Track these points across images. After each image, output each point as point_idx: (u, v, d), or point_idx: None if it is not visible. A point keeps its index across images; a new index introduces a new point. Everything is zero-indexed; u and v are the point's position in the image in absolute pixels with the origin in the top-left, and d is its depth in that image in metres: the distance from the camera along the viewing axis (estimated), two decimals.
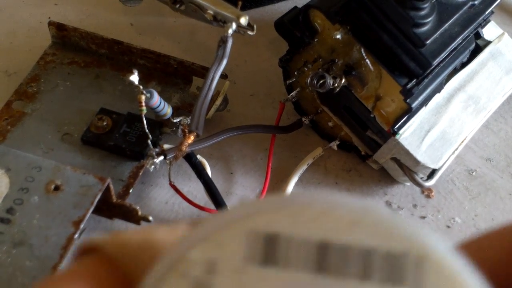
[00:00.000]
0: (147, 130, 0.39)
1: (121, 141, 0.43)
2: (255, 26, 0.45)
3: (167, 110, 0.43)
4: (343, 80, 0.42)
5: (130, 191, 0.42)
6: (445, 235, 0.45)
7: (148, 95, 0.40)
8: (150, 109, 0.41)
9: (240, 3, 0.49)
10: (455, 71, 0.46)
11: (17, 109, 0.46)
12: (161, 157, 0.39)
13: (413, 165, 0.43)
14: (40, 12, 0.56)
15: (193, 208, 0.43)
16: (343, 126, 0.46)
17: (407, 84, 0.40)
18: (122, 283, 0.14)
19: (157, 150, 0.39)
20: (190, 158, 0.43)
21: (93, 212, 0.37)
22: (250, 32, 0.45)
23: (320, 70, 0.42)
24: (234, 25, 0.43)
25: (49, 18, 0.52)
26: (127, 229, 0.43)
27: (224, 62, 0.41)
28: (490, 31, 0.48)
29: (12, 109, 0.46)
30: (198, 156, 0.43)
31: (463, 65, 0.46)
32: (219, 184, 0.45)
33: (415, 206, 0.47)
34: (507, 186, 0.48)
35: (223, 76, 0.45)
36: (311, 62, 0.45)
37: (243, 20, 0.44)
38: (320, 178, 0.47)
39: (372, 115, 0.42)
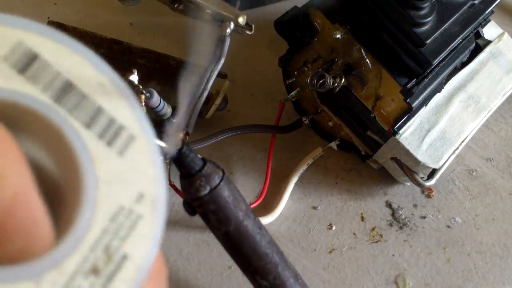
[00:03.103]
0: None
1: None
2: (253, 26, 0.45)
3: (167, 110, 0.42)
4: (343, 80, 0.42)
5: None
6: (445, 235, 0.45)
7: (148, 95, 0.40)
8: (150, 109, 0.41)
9: (238, 2, 0.49)
10: (455, 70, 0.45)
11: None
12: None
13: (414, 165, 0.43)
14: (39, 11, 0.56)
15: None
16: (343, 126, 0.46)
17: (407, 83, 0.40)
18: None
19: None
20: None
21: None
22: (248, 32, 0.45)
23: (320, 69, 0.42)
24: (232, 25, 0.43)
25: (48, 17, 0.52)
26: None
27: (221, 61, 0.41)
28: (490, 30, 0.48)
29: None
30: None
31: (463, 64, 0.46)
32: None
33: (415, 206, 0.46)
34: (508, 186, 0.48)
35: (223, 75, 0.45)
36: (311, 62, 0.44)
37: (241, 20, 0.44)
38: (320, 178, 0.47)
39: (372, 115, 0.42)
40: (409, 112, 0.41)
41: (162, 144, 0.26)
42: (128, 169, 0.16)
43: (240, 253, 0.30)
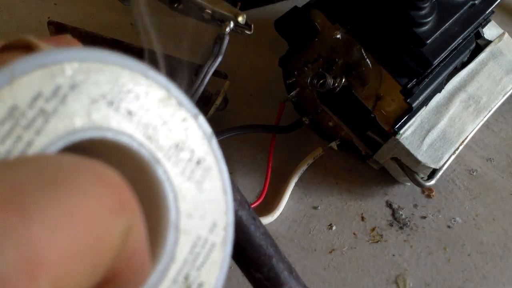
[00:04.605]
0: None
1: None
2: (252, 26, 0.45)
3: None
4: (344, 80, 0.42)
5: None
6: (445, 235, 0.45)
7: None
8: None
9: (239, 3, 0.49)
10: (456, 70, 0.45)
11: None
12: None
13: (414, 165, 0.43)
14: (40, 11, 0.56)
15: None
16: (343, 126, 0.46)
17: (407, 83, 0.40)
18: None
19: None
20: None
21: None
22: (247, 32, 0.45)
23: (320, 69, 0.42)
24: (232, 24, 0.43)
25: (48, 17, 0.52)
26: None
27: (219, 59, 0.41)
28: (490, 30, 0.48)
29: None
30: None
31: (464, 64, 0.46)
32: None
33: (415, 206, 0.46)
34: (508, 186, 0.48)
35: (223, 75, 0.45)
36: (311, 61, 0.44)
37: (241, 19, 0.44)
38: (320, 178, 0.47)
39: (372, 115, 0.42)
40: (409, 112, 0.41)
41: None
42: (204, 200, 0.17)
43: (233, 244, 0.30)
